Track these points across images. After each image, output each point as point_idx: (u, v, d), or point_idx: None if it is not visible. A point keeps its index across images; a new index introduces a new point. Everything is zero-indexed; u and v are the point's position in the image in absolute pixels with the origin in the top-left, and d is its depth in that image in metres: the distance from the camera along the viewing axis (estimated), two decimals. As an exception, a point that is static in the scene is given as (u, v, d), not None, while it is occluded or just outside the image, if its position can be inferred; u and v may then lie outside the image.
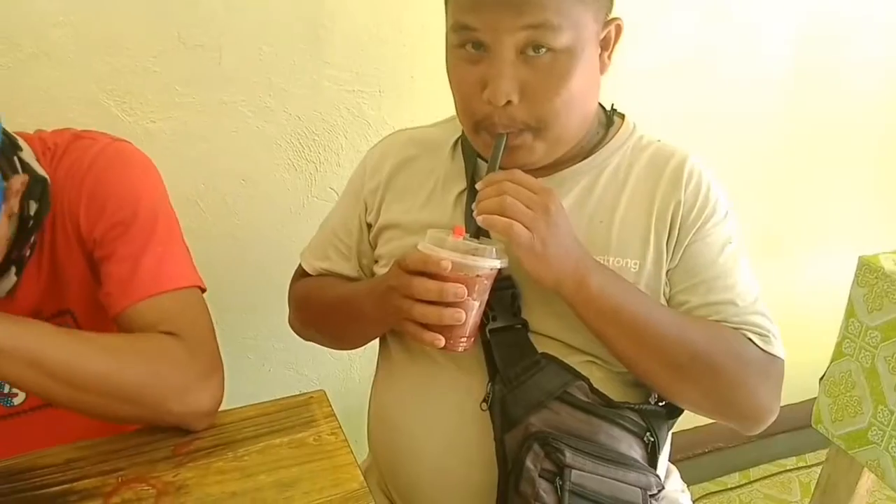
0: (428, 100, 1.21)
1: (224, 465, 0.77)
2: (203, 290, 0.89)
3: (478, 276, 0.77)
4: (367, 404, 1.04)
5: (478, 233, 0.82)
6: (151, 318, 0.82)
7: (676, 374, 0.83)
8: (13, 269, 0.82)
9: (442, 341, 0.77)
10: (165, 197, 0.90)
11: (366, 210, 0.99)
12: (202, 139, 1.20)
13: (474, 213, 0.79)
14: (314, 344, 1.12)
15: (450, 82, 0.85)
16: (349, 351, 1.45)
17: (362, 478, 0.76)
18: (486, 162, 0.90)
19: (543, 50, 0.77)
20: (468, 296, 0.76)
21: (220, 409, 0.84)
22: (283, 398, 0.88)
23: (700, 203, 0.87)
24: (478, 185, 0.80)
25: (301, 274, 1.08)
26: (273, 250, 1.31)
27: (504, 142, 0.81)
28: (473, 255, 0.76)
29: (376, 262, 0.99)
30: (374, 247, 1.00)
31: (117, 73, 1.11)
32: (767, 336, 0.85)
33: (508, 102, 0.78)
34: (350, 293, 0.97)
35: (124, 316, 0.82)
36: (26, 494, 0.71)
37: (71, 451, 0.77)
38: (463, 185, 0.92)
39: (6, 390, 0.90)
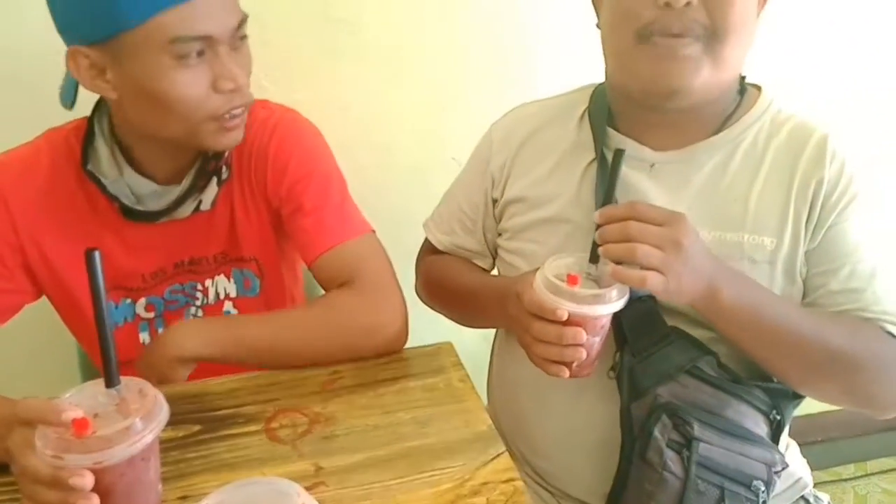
0: (553, 69, 1.24)
1: (366, 402, 0.84)
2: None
3: (597, 317, 0.77)
4: (487, 366, 1.09)
5: (596, 256, 0.79)
6: (339, 264, 0.94)
7: (815, 375, 0.83)
8: (215, 180, 0.93)
9: (566, 373, 0.79)
10: (333, 157, 1.01)
11: (492, 185, 1.01)
12: (339, 109, 1.28)
13: (601, 252, 0.77)
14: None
15: (602, 7, 0.86)
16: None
17: (490, 421, 0.81)
18: (616, 130, 0.91)
19: None
20: (588, 335, 0.76)
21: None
22: (414, 347, 0.95)
23: (843, 183, 0.84)
24: (597, 217, 0.78)
25: (429, 248, 1.12)
26: (399, 216, 1.37)
27: (622, 158, 0.79)
28: (590, 304, 0.75)
29: (500, 235, 1.02)
30: (498, 221, 1.02)
31: (267, 46, 1.20)
32: None
33: (688, 4, 0.77)
34: (477, 288, 1.00)
35: (316, 265, 0.96)
36: (200, 415, 0.81)
37: (234, 382, 0.87)
38: (591, 155, 0.92)
39: None
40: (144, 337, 1.02)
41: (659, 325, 0.85)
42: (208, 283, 1.01)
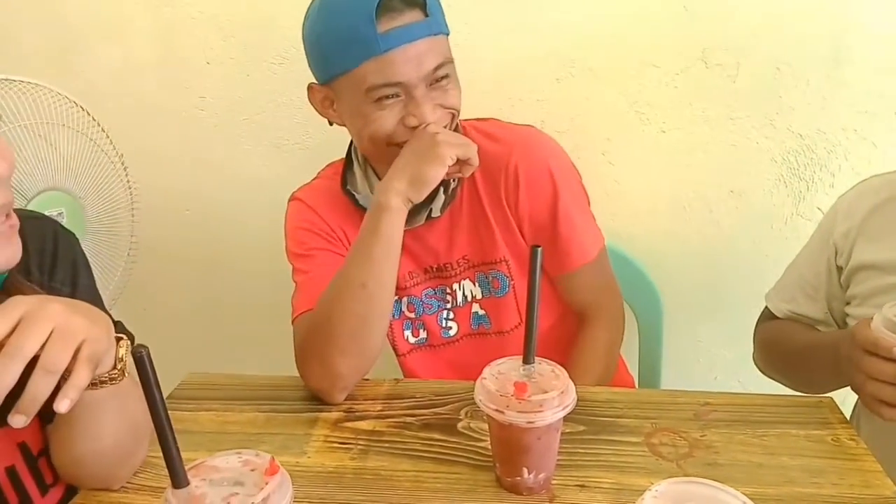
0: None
1: (745, 439, 0.83)
2: None
3: None
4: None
5: None
6: (587, 279, 1.09)
7: None
8: (441, 190, 1.01)
9: None
10: (575, 171, 1.09)
11: (836, 253, 1.00)
12: (702, 149, 1.30)
13: None
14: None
15: None
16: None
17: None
18: None
19: None
20: None
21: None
22: (792, 396, 0.92)
23: None
24: None
25: (767, 316, 1.12)
26: (745, 262, 1.35)
27: None
28: None
29: (848, 303, 0.99)
30: (844, 288, 0.99)
31: (643, 87, 1.28)
32: None
33: None
34: (813, 343, 0.98)
35: (569, 277, 1.08)
36: (584, 417, 0.87)
37: (610, 395, 0.93)
38: None
39: (444, 325, 1.14)
40: (408, 334, 1.15)
41: None
42: (455, 286, 1.11)
